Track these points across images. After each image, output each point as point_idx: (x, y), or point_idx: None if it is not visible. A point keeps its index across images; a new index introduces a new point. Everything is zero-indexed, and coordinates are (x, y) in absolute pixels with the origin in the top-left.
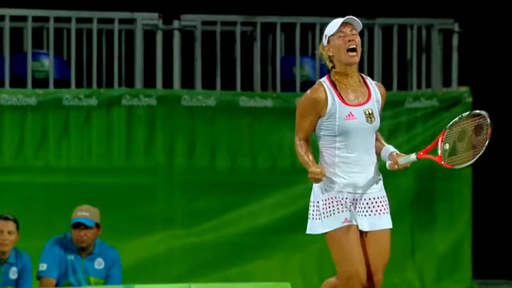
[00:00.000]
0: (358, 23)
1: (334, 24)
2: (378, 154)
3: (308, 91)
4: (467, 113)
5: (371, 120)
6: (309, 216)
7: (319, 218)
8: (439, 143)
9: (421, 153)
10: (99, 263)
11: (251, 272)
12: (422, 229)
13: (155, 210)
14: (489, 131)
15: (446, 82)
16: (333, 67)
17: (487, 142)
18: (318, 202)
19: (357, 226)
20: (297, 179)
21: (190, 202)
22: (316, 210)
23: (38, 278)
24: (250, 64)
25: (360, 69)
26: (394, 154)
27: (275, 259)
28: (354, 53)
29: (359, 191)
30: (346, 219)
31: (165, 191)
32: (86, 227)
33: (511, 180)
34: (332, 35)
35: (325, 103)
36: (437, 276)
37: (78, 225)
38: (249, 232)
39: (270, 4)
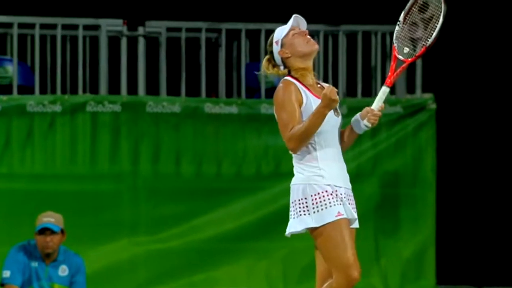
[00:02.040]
0: (303, 21)
1: (283, 28)
2: (349, 138)
3: (281, 84)
4: (401, 16)
5: (337, 114)
6: (292, 216)
7: (306, 214)
8: (398, 57)
9: (389, 79)
10: (63, 270)
11: (216, 278)
12: (387, 235)
13: (120, 217)
14: None
15: (410, 89)
16: (289, 71)
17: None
18: (305, 198)
19: (348, 220)
20: (262, 186)
21: (155, 209)
22: (304, 207)
23: (2, 285)
24: (215, 70)
25: (325, 76)
26: (363, 110)
27: (241, 266)
28: (313, 41)
29: (342, 186)
30: (339, 212)
31: (130, 198)
32: (53, 232)
33: (474, 186)
34: (285, 36)
35: (301, 94)
36: (401, 281)
37: (44, 231)
38: (214, 238)
39: (235, 11)
